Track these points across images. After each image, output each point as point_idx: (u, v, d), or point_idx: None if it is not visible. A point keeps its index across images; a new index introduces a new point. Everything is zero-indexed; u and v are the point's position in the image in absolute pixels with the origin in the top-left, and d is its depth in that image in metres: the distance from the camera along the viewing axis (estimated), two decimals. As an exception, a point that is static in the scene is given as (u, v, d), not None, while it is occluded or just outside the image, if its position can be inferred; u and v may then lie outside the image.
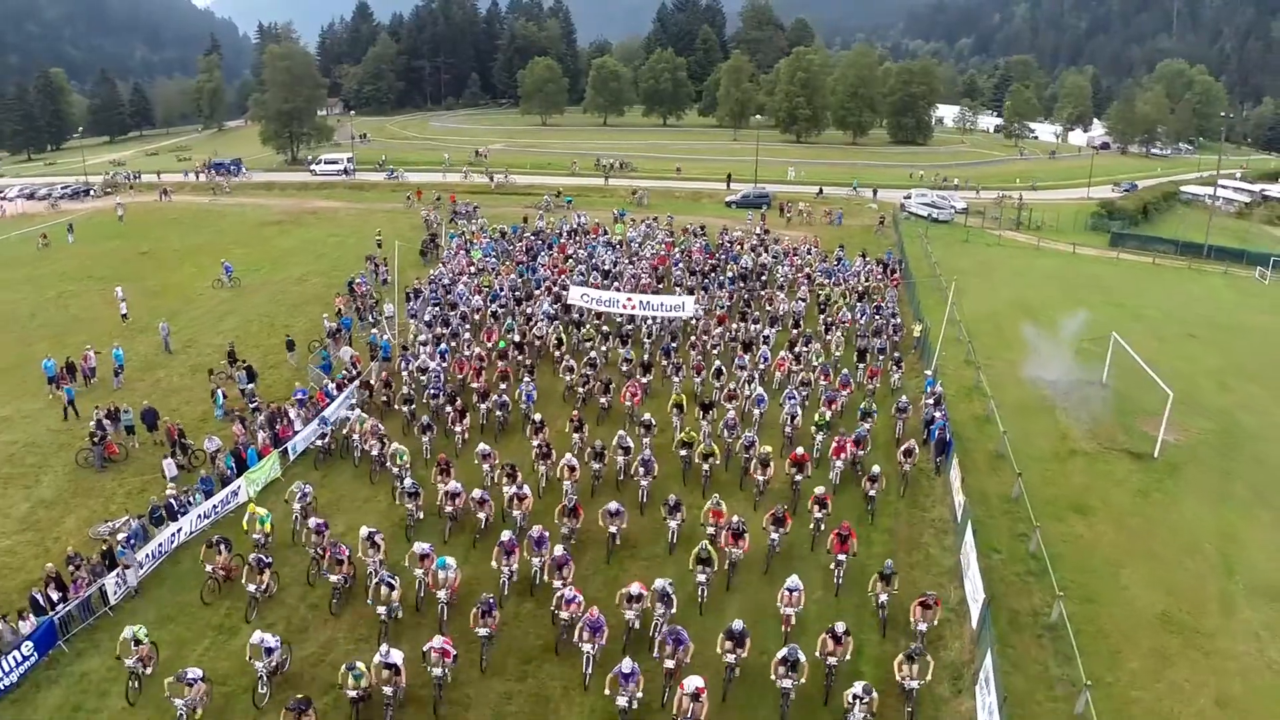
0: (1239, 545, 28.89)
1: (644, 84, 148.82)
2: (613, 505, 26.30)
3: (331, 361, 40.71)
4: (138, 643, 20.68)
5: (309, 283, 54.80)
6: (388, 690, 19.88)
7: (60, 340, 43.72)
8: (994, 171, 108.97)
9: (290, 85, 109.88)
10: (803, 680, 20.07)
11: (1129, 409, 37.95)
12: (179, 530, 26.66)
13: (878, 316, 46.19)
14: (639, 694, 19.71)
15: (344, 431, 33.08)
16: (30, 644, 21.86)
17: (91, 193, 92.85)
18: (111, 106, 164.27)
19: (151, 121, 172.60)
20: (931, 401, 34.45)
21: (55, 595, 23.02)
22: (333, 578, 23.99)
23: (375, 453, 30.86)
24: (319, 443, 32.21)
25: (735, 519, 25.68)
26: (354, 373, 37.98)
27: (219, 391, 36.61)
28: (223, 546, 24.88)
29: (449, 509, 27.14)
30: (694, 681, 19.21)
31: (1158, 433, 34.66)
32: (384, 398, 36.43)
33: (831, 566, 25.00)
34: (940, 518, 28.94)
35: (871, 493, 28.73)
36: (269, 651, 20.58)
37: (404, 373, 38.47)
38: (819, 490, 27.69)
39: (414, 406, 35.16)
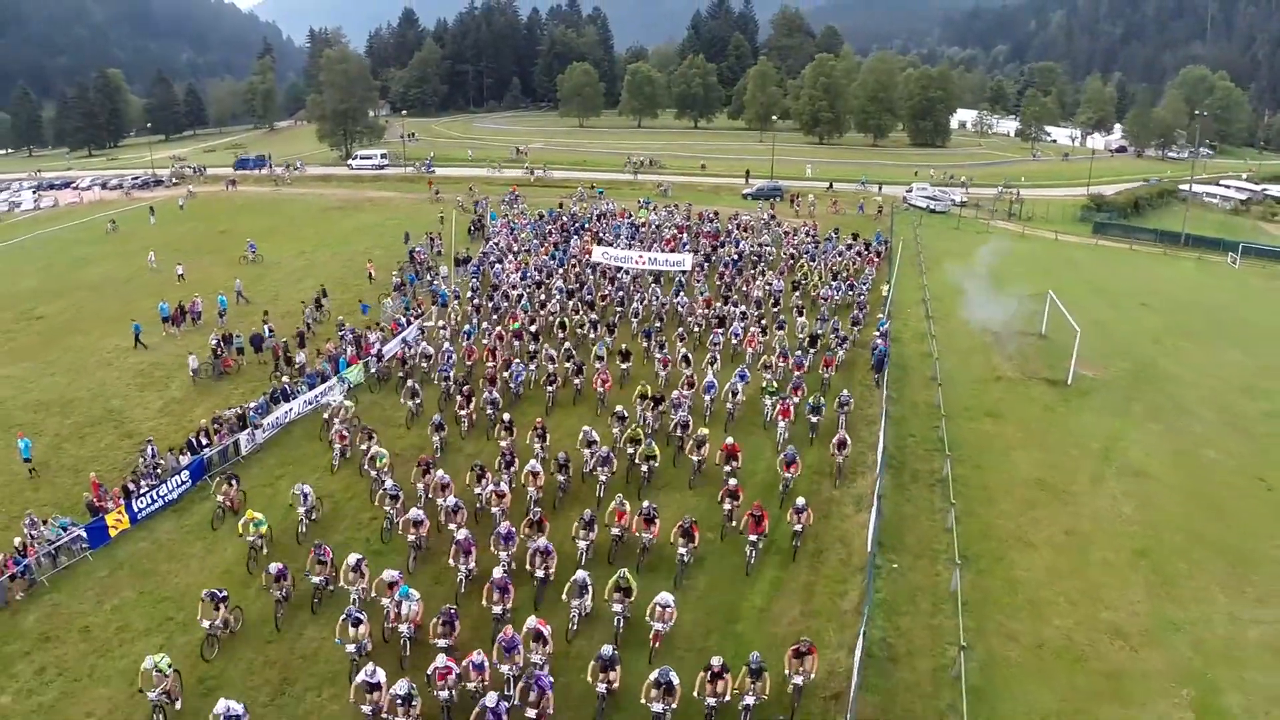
0: (1122, 443, 36.31)
1: (676, 88, 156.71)
2: (542, 543, 24.79)
3: (400, 309, 49.21)
4: (160, 673, 20.11)
5: (374, 254, 63.29)
6: (366, 709, 19.75)
7: (157, 297, 52.43)
8: (1005, 171, 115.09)
9: (345, 87, 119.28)
10: (674, 706, 19.74)
11: (1059, 353, 45.17)
12: (289, 409, 35.55)
13: (850, 292, 52.12)
14: None
15: (325, 416, 35.03)
16: (187, 473, 30.80)
17: (162, 183, 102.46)
18: (167, 106, 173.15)
19: (205, 121, 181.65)
20: (879, 334, 42.46)
21: (204, 441, 31.69)
22: (314, 579, 24.31)
23: (339, 451, 32.16)
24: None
25: (646, 504, 26.54)
26: (411, 315, 46.43)
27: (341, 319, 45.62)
28: (234, 480, 29.56)
29: (411, 536, 26.29)
30: None
31: (1078, 369, 42.12)
32: (400, 374, 39.78)
33: (746, 548, 26.40)
34: (873, 415, 36.60)
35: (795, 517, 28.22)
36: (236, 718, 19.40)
37: (411, 359, 41.02)
38: (731, 482, 28.46)
39: (419, 400, 36.38)
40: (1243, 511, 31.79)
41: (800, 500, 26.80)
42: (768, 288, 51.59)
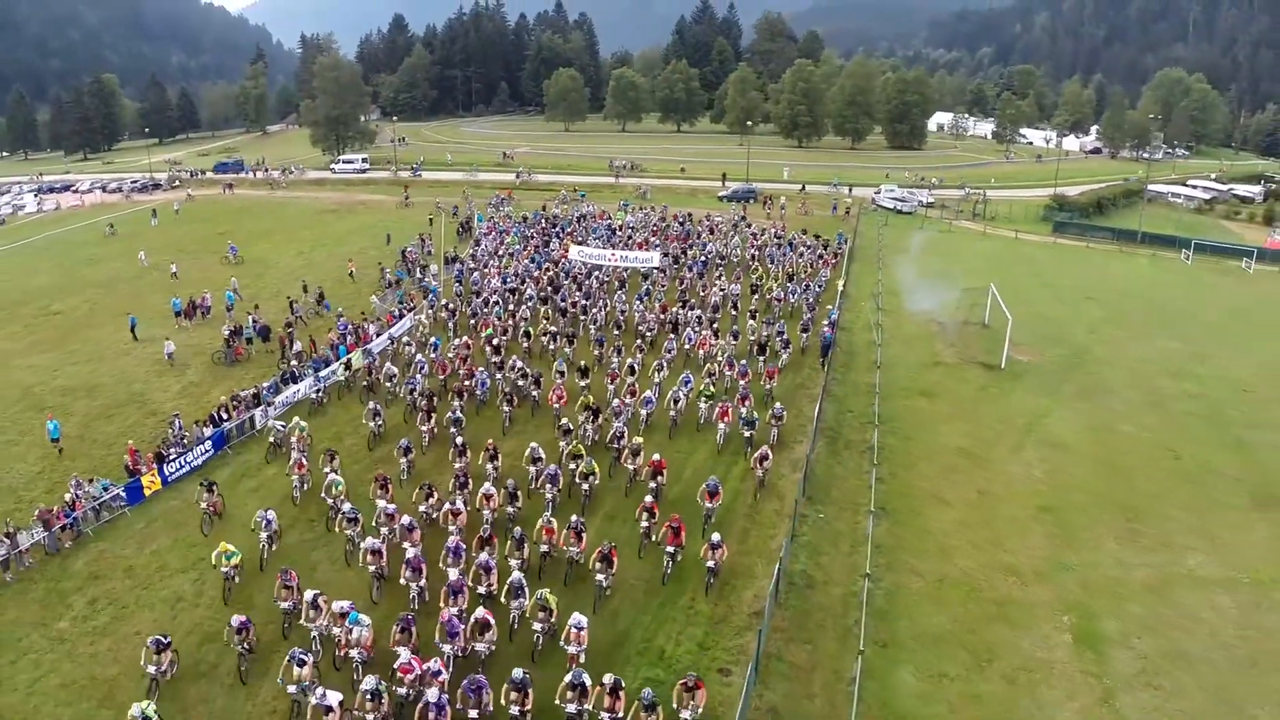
0: (1045, 419, 40.32)
1: (660, 93, 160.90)
2: (484, 558, 25.59)
3: (395, 302, 53.41)
4: (147, 719, 20.24)
5: (368, 254, 67.14)
6: None
7: (164, 293, 56.62)
8: (979, 173, 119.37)
9: (338, 94, 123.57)
10: (588, 707, 20.60)
11: (999, 341, 48.88)
12: (297, 391, 39.85)
13: (806, 294, 53.57)
14: None
15: (272, 440, 35.62)
16: (210, 442, 35.01)
17: (161, 186, 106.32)
18: (161, 110, 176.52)
19: (197, 124, 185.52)
20: (827, 324, 46.79)
21: (224, 416, 35.81)
22: (282, 605, 24.50)
23: (299, 481, 32.08)
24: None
25: (574, 518, 27.22)
26: (405, 309, 50.52)
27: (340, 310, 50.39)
28: (212, 487, 30.69)
29: (372, 567, 26.38)
30: None
31: (1014, 355, 46.21)
32: (364, 382, 41.44)
33: (664, 559, 27.12)
34: (817, 393, 40.57)
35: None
36: None
37: (376, 373, 41.52)
38: (648, 499, 28.82)
39: (382, 421, 36.75)
40: (1148, 477, 35.71)
41: (715, 536, 26.62)
42: (721, 293, 53.24)
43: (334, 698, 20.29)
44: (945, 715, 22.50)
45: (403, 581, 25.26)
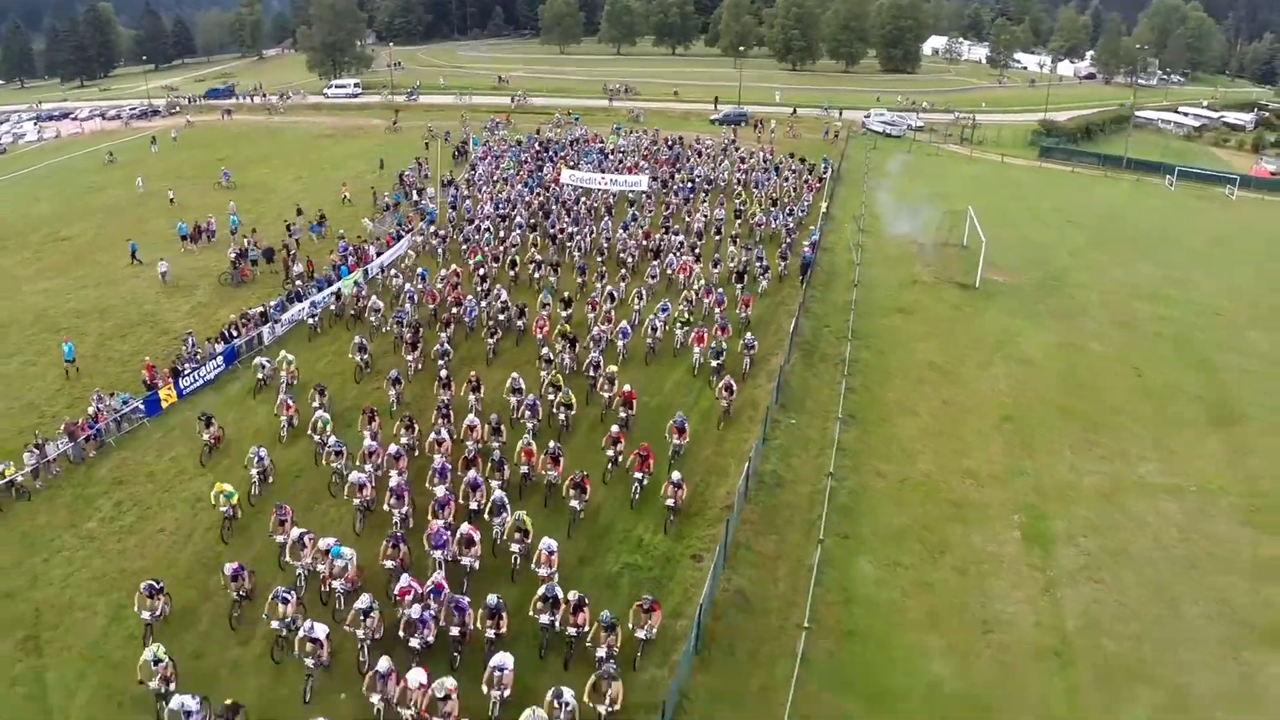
0: (1016, 337, 42.27)
1: (654, 17, 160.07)
2: (472, 475, 26.58)
3: (394, 224, 55.25)
4: (158, 662, 20.44)
5: (363, 178, 68.50)
6: (310, 662, 20.79)
7: (167, 218, 58.31)
8: (969, 97, 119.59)
9: (334, 21, 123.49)
10: (556, 617, 21.96)
11: (977, 262, 50.71)
12: (301, 309, 41.85)
13: (789, 219, 54.69)
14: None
15: (260, 377, 35.96)
16: (221, 358, 37.23)
17: (160, 113, 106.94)
18: (156, 37, 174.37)
19: (193, 50, 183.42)
20: (808, 244, 48.57)
21: (234, 333, 38.06)
22: (278, 539, 25.08)
23: (286, 421, 32.07)
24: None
25: (552, 444, 28.01)
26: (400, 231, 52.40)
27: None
28: (210, 420, 31.33)
29: (356, 500, 26.90)
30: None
31: (991, 275, 48.00)
32: (351, 312, 41.97)
33: (632, 484, 27.93)
34: (794, 310, 42.08)
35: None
36: (188, 714, 19.50)
37: (363, 302, 41.88)
38: (614, 429, 29.53)
39: (368, 355, 37.00)
40: (1109, 392, 37.73)
41: (676, 475, 27.15)
42: (704, 219, 53.93)
43: (321, 630, 21.08)
44: (898, 599, 24.78)
45: (386, 508, 26.05)
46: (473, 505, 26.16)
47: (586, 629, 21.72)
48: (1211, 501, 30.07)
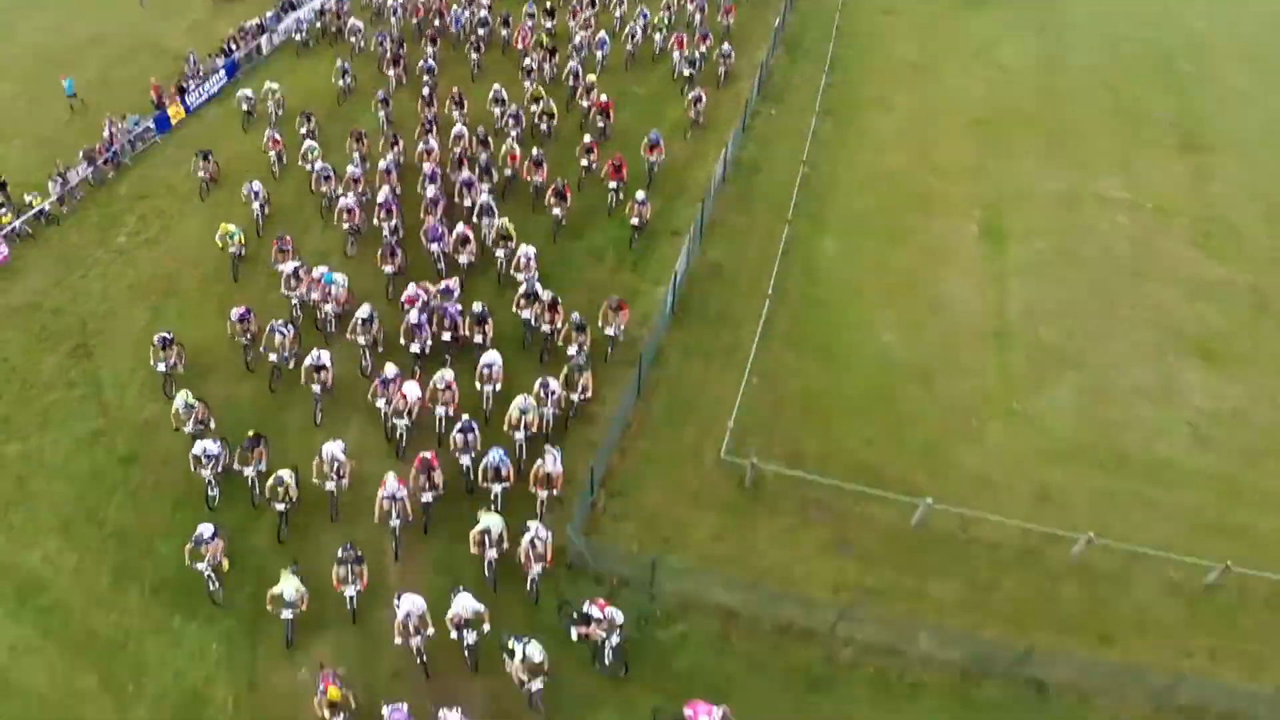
0: (999, 45, 41.00)
1: None
2: (465, 175, 28.11)
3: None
4: (189, 407, 21.33)
5: None
6: (316, 389, 22.33)
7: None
8: None
9: None
10: (535, 312, 23.94)
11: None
12: (297, 17, 41.52)
13: None
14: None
15: (245, 109, 35.38)
16: (223, 71, 38.21)
17: None
18: None
19: None
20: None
21: (233, 47, 38.86)
22: (280, 267, 25.62)
23: (275, 156, 32.07)
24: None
25: (535, 150, 28.90)
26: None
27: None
28: (208, 156, 31.60)
29: (346, 225, 27.67)
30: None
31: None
32: (334, 28, 41.13)
33: (608, 194, 28.95)
34: (780, 7, 41.82)
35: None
36: (210, 458, 20.43)
37: (344, 20, 40.91)
38: (587, 138, 30.31)
39: (350, 80, 36.66)
40: (1082, 106, 38.00)
41: (640, 194, 27.59)
42: None
43: (325, 356, 22.40)
44: (855, 274, 26.86)
45: (376, 222, 27.01)
46: (466, 203, 27.42)
47: (560, 326, 23.35)
48: (1166, 220, 31.15)
